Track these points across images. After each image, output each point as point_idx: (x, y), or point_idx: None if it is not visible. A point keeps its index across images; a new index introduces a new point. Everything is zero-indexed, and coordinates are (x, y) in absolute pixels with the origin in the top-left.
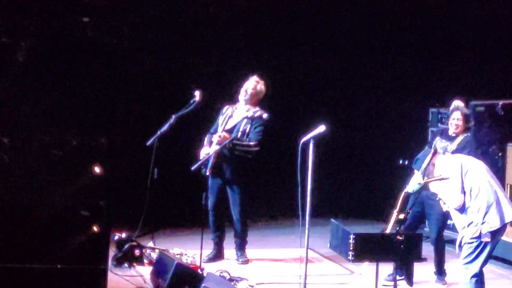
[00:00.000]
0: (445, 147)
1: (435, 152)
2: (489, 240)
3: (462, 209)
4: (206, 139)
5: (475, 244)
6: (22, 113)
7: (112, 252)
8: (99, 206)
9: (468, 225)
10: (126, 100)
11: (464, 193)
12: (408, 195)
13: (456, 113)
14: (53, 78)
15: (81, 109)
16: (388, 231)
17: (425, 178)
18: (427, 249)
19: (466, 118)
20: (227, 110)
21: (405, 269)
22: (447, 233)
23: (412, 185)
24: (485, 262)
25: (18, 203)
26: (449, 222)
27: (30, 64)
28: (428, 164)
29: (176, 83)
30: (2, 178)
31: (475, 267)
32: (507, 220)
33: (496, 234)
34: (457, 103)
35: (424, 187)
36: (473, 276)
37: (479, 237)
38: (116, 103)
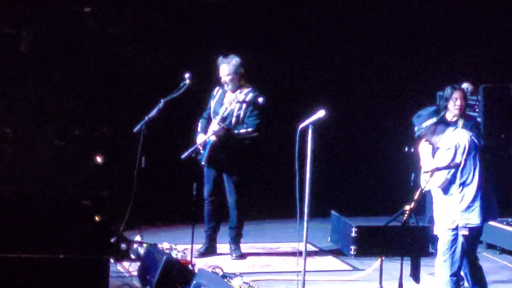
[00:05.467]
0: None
1: (440, 122)
2: (466, 233)
3: (446, 190)
4: (199, 124)
5: (451, 238)
6: (24, 104)
7: None
8: (102, 196)
9: (446, 212)
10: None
11: (456, 174)
12: (424, 193)
13: (458, 92)
14: (55, 68)
15: (83, 99)
16: None
17: (422, 137)
18: None
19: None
20: (217, 92)
21: (411, 265)
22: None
23: (423, 182)
24: (463, 259)
25: (20, 193)
26: None
27: (32, 55)
28: (430, 126)
29: (166, 66)
30: (4, 168)
31: (454, 265)
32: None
33: (475, 234)
34: (466, 85)
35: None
36: (453, 275)
37: (455, 229)
38: (119, 92)
